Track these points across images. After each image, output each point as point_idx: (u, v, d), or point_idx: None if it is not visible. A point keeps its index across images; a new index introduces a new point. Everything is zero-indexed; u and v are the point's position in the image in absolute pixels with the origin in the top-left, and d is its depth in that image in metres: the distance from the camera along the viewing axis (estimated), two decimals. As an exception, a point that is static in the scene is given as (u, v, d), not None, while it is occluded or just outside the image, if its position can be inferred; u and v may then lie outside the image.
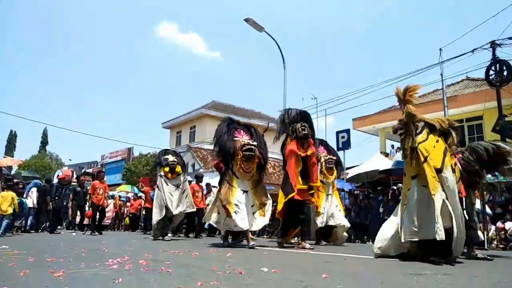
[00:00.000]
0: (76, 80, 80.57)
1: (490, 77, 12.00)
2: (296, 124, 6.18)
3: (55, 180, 17.51)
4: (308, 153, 6.05)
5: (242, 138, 6.21)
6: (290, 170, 5.94)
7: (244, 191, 5.86)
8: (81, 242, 6.75)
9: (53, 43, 76.89)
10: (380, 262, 4.09)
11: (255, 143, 6.01)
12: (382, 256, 4.30)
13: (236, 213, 5.60)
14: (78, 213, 12.37)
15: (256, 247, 5.70)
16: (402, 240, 4.02)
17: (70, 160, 44.93)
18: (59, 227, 14.38)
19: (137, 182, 19.31)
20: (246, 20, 14.34)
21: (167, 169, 8.30)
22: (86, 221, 12.49)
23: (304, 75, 69.45)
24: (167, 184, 8.25)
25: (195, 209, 8.88)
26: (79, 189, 12.22)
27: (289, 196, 5.82)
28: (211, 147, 7.07)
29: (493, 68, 11.96)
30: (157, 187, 8.51)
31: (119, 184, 27.23)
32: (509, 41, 11.61)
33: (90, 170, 23.74)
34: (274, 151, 29.33)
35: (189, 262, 3.65)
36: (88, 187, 12.30)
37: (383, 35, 68.70)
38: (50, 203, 11.70)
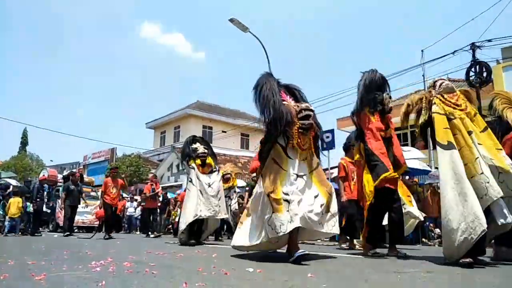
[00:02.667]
0: (58, 80, 79.16)
1: (470, 78, 12.27)
2: (381, 94, 4.70)
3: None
4: (391, 132, 4.70)
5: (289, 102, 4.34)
6: (376, 149, 4.44)
7: (299, 176, 3.95)
8: (63, 245, 6.63)
9: (34, 43, 75.35)
10: (365, 261, 4.13)
11: (312, 108, 4.16)
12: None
13: (288, 209, 3.66)
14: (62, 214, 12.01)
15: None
16: (497, 195, 3.27)
17: (51, 161, 44.01)
18: (40, 229, 14.18)
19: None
20: (231, 20, 14.32)
21: (198, 161, 6.81)
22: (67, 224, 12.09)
23: (289, 75, 69.67)
24: (200, 180, 6.68)
25: (227, 216, 7.55)
26: (73, 187, 11.10)
27: (383, 175, 4.26)
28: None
29: (473, 69, 12.24)
30: (190, 182, 6.79)
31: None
32: (489, 43, 11.91)
33: (75, 170, 23.24)
34: (257, 151, 29.33)
35: (174, 263, 3.63)
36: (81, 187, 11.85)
37: (366, 36, 69.51)
38: (31, 205, 11.48)
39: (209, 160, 6.90)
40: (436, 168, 9.97)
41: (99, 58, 78.42)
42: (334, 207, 4.06)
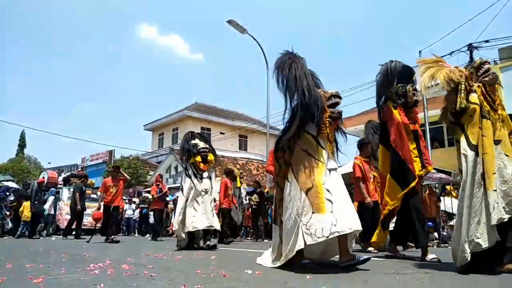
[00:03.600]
0: (55, 82, 79.03)
1: (468, 79, 12.28)
2: (405, 86, 4.28)
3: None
4: (417, 127, 4.34)
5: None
6: (404, 149, 4.09)
7: (331, 170, 3.43)
8: (61, 247, 6.61)
9: (32, 45, 75.25)
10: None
11: (341, 95, 3.70)
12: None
13: (332, 209, 3.11)
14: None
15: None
16: (494, 222, 2.94)
17: (49, 163, 44.02)
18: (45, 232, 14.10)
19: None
20: (229, 21, 14.34)
21: (199, 158, 6.25)
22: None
23: (287, 76, 69.68)
24: (200, 181, 6.18)
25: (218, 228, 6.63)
26: (85, 188, 11.22)
27: (410, 186, 4.05)
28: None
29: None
30: (181, 184, 6.37)
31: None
32: (486, 44, 11.95)
33: (75, 172, 23.04)
34: (256, 152, 29.20)
35: (173, 266, 3.62)
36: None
37: (364, 38, 69.66)
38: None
39: (211, 156, 6.38)
40: (435, 168, 9.98)
41: (97, 60, 78.40)
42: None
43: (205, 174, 6.28)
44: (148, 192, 21.98)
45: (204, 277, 2.75)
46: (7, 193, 13.17)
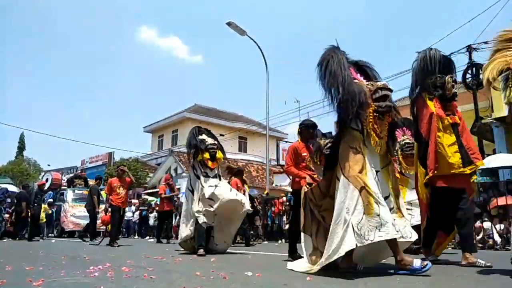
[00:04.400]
0: (55, 84, 79.03)
1: (467, 80, 12.31)
2: (443, 76, 3.95)
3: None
4: (457, 119, 3.94)
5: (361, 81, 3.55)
6: (430, 141, 3.82)
7: (378, 171, 3.32)
8: (61, 250, 6.60)
9: (31, 47, 75.27)
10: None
11: (390, 87, 3.45)
12: None
13: (379, 212, 2.97)
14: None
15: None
16: None
17: (48, 165, 43.89)
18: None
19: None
20: (229, 24, 14.36)
21: (207, 155, 5.78)
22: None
23: (287, 78, 69.88)
24: (208, 178, 5.74)
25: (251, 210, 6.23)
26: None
27: (423, 181, 3.86)
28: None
29: (469, 71, 12.27)
30: (187, 182, 5.99)
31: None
32: (485, 45, 11.95)
33: (79, 173, 22.86)
34: (256, 154, 29.26)
35: (173, 268, 3.61)
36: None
37: (363, 39, 69.75)
38: (28, 210, 11.42)
39: (219, 154, 5.91)
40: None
41: (96, 62, 78.39)
42: (404, 210, 3.42)
43: (213, 173, 5.80)
44: (149, 194, 22.01)
45: (204, 279, 2.74)
46: (6, 195, 13.13)
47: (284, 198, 11.79)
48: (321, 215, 3.48)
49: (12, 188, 15.85)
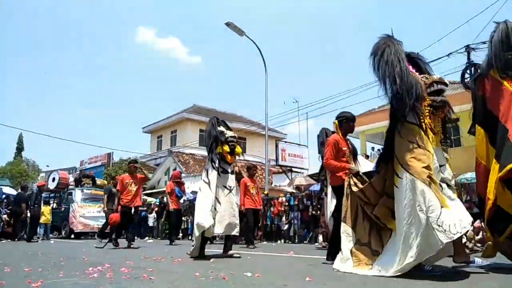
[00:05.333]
0: (53, 85, 78.95)
1: (466, 80, 12.33)
2: None
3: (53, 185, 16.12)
4: None
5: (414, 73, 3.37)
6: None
7: (440, 166, 3.23)
8: (60, 251, 6.59)
9: (29, 48, 75.17)
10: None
11: (446, 81, 3.37)
12: None
13: (449, 203, 2.89)
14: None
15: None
16: None
17: (47, 166, 43.85)
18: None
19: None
20: (227, 24, 14.35)
21: (227, 148, 5.22)
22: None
23: (286, 78, 69.89)
24: (226, 174, 5.25)
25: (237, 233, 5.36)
26: (114, 190, 9.82)
27: (507, 168, 2.95)
28: (193, 151, 6.14)
29: (468, 71, 12.29)
30: (207, 177, 5.17)
31: (99, 190, 26.75)
32: (483, 45, 11.97)
33: (87, 172, 22.49)
34: (255, 154, 29.23)
35: (172, 269, 3.61)
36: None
37: (361, 39, 69.79)
38: (28, 211, 11.42)
39: (238, 149, 5.41)
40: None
41: (95, 63, 78.30)
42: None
43: (231, 168, 5.33)
44: (147, 194, 21.96)
45: (203, 280, 2.74)
46: (3, 196, 13.12)
47: (284, 199, 11.77)
48: (374, 214, 3.30)
49: (7, 190, 15.72)
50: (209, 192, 4.95)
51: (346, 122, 4.27)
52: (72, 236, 13.49)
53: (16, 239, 11.46)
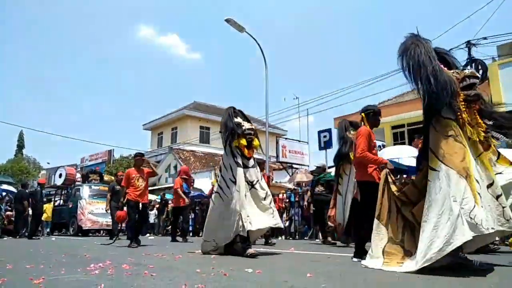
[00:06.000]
0: (54, 83, 78.92)
1: (466, 76, 12.30)
2: None
3: (59, 182, 15.91)
4: None
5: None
6: None
7: (475, 159, 3.23)
8: (61, 248, 6.61)
9: (30, 44, 75.09)
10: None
11: (478, 75, 3.45)
12: None
13: (480, 200, 2.90)
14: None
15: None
16: None
17: (48, 163, 43.90)
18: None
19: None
20: (227, 20, 14.30)
21: (244, 141, 4.87)
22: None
23: (286, 75, 69.80)
24: (248, 168, 4.87)
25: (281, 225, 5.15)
26: (118, 187, 9.58)
27: None
28: (193, 148, 5.95)
29: (469, 67, 12.28)
30: (223, 172, 4.89)
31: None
32: (484, 41, 11.95)
33: (94, 168, 22.25)
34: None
35: (173, 265, 3.62)
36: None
37: (362, 35, 69.60)
38: (29, 208, 11.45)
39: (256, 142, 5.04)
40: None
41: (95, 60, 78.24)
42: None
43: (251, 162, 4.96)
44: (149, 192, 21.95)
45: (205, 276, 2.75)
46: (4, 194, 13.14)
47: (284, 195, 11.79)
48: (412, 213, 3.23)
49: (5, 186, 15.63)
50: (236, 193, 4.57)
51: (373, 115, 4.24)
52: (80, 234, 13.08)
53: (18, 236, 11.49)
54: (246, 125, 4.94)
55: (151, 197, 18.83)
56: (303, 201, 10.86)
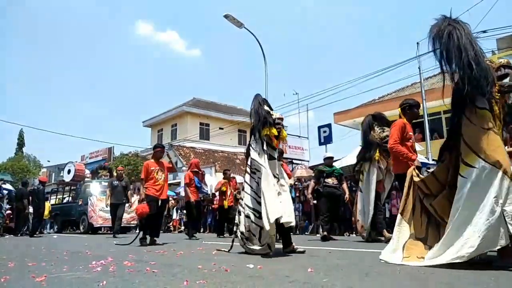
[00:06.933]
0: (54, 80, 78.78)
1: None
2: None
3: (68, 177, 15.81)
4: None
5: None
6: None
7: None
8: (63, 245, 6.63)
9: (29, 42, 74.89)
10: (365, 255, 4.15)
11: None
12: None
13: None
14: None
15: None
16: None
17: (48, 161, 43.98)
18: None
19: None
20: (226, 16, 14.27)
21: (274, 131, 4.48)
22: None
23: (285, 70, 69.71)
24: (274, 160, 4.47)
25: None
26: (116, 182, 9.85)
27: None
28: (193, 144, 5.71)
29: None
30: (256, 165, 4.37)
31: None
32: (483, 34, 11.89)
33: (102, 164, 22.04)
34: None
35: (174, 262, 3.63)
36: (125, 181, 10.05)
37: (362, 31, 69.42)
38: (29, 206, 11.48)
39: (284, 133, 4.71)
40: (434, 160, 9.97)
41: (94, 58, 78.08)
42: None
43: (277, 154, 4.63)
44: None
45: (206, 272, 2.76)
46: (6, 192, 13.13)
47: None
48: (432, 206, 3.15)
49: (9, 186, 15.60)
50: (268, 187, 4.15)
51: (409, 108, 4.28)
52: (90, 231, 12.89)
53: (19, 234, 11.53)
54: (276, 115, 4.65)
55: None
56: (304, 196, 10.87)
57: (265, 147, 4.37)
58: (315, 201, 7.88)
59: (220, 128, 28.85)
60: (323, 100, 31.00)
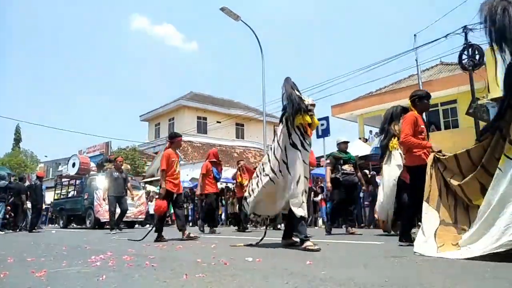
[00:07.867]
0: (50, 75, 78.33)
1: (463, 61, 12.29)
2: None
3: (72, 172, 15.33)
4: None
5: None
6: None
7: None
8: (62, 240, 6.64)
9: (25, 37, 74.31)
10: (363, 247, 4.17)
11: None
12: None
13: None
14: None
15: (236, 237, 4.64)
16: None
17: (46, 156, 43.81)
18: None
19: None
20: (222, 9, 14.19)
21: (308, 118, 4.11)
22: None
23: (283, 63, 69.50)
24: (306, 151, 4.17)
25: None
26: (116, 174, 9.34)
27: None
28: (191, 138, 5.56)
29: (465, 52, 12.24)
30: (285, 153, 4.15)
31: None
32: (481, 25, 11.87)
33: (108, 157, 21.71)
34: (253, 140, 29.16)
35: (174, 256, 3.64)
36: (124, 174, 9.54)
37: (359, 22, 69.17)
38: (27, 201, 11.48)
39: (315, 120, 4.31)
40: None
41: (91, 52, 77.63)
42: None
43: (309, 143, 4.26)
44: (148, 183, 21.96)
45: (205, 266, 2.77)
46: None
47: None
48: (460, 187, 3.05)
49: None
50: (299, 178, 3.97)
51: (419, 100, 4.18)
52: (96, 226, 12.35)
53: (18, 230, 11.53)
54: (309, 100, 4.22)
55: (151, 188, 18.90)
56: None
57: (299, 136, 4.09)
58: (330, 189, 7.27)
59: (218, 122, 28.81)
60: (320, 93, 31.05)
